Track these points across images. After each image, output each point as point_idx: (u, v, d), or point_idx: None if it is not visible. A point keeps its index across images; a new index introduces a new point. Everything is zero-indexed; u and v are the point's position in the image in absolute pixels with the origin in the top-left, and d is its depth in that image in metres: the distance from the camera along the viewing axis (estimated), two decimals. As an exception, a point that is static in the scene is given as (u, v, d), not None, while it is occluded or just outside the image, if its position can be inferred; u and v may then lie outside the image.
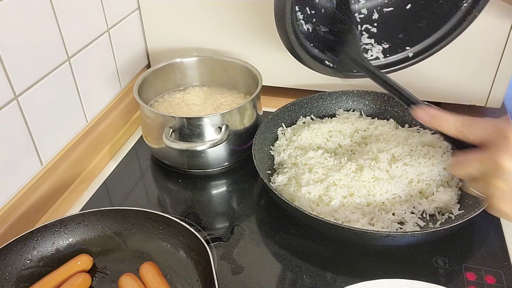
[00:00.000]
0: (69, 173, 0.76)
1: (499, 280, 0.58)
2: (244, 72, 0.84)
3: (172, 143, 0.69)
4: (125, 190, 0.75)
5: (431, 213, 0.65)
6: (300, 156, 0.72)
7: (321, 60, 0.69)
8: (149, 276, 0.56)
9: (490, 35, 0.79)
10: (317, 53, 0.68)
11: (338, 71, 0.71)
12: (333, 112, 0.83)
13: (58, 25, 0.70)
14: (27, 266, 0.58)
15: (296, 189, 0.67)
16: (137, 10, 0.92)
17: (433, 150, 0.71)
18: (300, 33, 0.64)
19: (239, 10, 0.86)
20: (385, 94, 0.81)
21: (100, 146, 0.83)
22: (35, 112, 0.68)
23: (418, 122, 0.79)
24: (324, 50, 0.69)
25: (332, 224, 0.58)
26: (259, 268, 0.61)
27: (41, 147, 0.70)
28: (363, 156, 0.70)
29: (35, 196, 0.69)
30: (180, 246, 0.61)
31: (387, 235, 0.56)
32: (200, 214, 0.70)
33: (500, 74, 0.82)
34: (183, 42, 0.94)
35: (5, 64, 0.61)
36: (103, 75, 0.84)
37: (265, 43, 0.89)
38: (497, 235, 0.64)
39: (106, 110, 0.85)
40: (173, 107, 0.84)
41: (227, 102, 0.84)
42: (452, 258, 0.61)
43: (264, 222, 0.68)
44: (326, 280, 0.59)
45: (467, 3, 0.66)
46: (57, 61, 0.71)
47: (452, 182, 0.68)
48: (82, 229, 0.62)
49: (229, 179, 0.77)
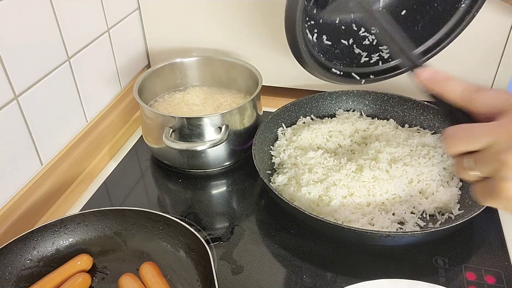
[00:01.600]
0: (69, 173, 0.76)
1: (499, 280, 0.58)
2: (244, 72, 0.84)
3: (172, 143, 0.69)
4: (125, 190, 0.75)
5: (431, 213, 0.65)
6: (300, 156, 0.72)
7: (328, 67, 0.68)
8: (149, 276, 0.56)
9: (490, 35, 0.79)
10: (324, 61, 0.67)
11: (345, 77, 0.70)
12: (333, 112, 0.83)
13: (58, 25, 0.70)
14: (27, 266, 0.58)
15: (296, 189, 0.67)
16: (137, 10, 0.92)
17: (433, 150, 0.72)
18: (308, 42, 0.64)
19: (239, 10, 0.86)
20: (385, 94, 0.81)
21: (100, 146, 0.83)
22: (35, 112, 0.68)
23: (418, 122, 0.79)
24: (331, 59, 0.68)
25: (332, 224, 0.58)
26: (259, 268, 0.61)
27: (41, 147, 0.70)
28: (363, 156, 0.70)
29: (35, 196, 0.69)
30: (180, 246, 0.61)
31: (387, 235, 0.56)
32: (200, 214, 0.70)
33: (500, 74, 0.82)
34: (183, 42, 0.94)
35: (5, 64, 0.61)
36: (103, 75, 0.84)
37: (266, 43, 0.89)
38: (497, 235, 0.64)
39: (106, 110, 0.85)
40: (173, 107, 0.84)
41: (227, 102, 0.84)
42: (452, 258, 0.61)
43: (264, 222, 0.68)
44: (326, 280, 0.59)
45: (465, 4, 0.66)
46: (57, 61, 0.71)
47: (452, 182, 0.68)
48: (82, 229, 0.62)
49: (229, 179, 0.77)
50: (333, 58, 0.67)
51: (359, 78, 0.69)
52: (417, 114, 0.79)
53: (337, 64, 0.68)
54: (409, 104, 0.80)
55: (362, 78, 0.69)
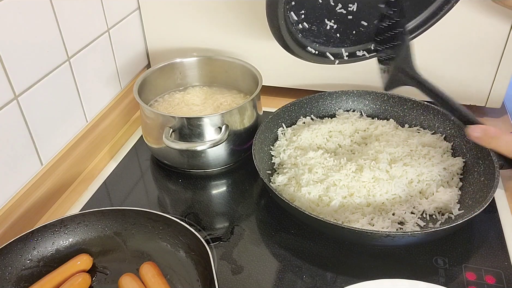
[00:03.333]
0: (69, 173, 0.76)
1: (499, 280, 0.58)
2: (244, 72, 0.84)
3: (172, 143, 0.69)
4: (125, 190, 0.75)
5: (431, 213, 0.65)
6: (300, 156, 0.72)
7: (304, 45, 0.68)
8: (149, 276, 0.56)
9: (490, 36, 0.79)
10: (300, 38, 0.67)
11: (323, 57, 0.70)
12: (333, 112, 0.83)
13: (58, 25, 0.70)
14: (27, 266, 0.58)
15: (296, 189, 0.67)
16: (137, 10, 0.92)
17: (433, 151, 0.72)
18: (287, 17, 0.64)
19: (240, 10, 0.86)
20: (385, 94, 0.81)
21: (100, 146, 0.83)
22: (35, 112, 0.68)
23: (418, 122, 0.79)
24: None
25: (332, 224, 0.58)
26: (259, 268, 0.61)
27: (41, 147, 0.70)
28: (363, 156, 0.70)
29: (35, 196, 0.69)
30: (180, 246, 0.61)
31: (387, 235, 0.56)
32: (200, 214, 0.70)
33: (500, 74, 0.82)
34: (183, 42, 0.94)
35: (5, 64, 0.61)
36: (103, 75, 0.84)
37: (265, 44, 0.89)
38: (497, 235, 0.64)
39: (106, 110, 0.85)
40: (173, 107, 0.84)
41: (227, 102, 0.84)
42: (452, 258, 0.61)
43: (264, 222, 0.68)
44: (326, 280, 0.59)
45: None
46: (57, 61, 0.71)
47: (452, 182, 0.68)
48: (82, 229, 0.62)
49: (229, 179, 0.77)
50: (310, 36, 0.67)
51: (333, 58, 0.69)
52: (417, 114, 0.79)
53: (313, 43, 0.68)
54: (409, 104, 0.80)
55: (336, 58, 0.70)
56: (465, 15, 0.78)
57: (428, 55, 0.82)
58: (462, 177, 0.70)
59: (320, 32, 0.68)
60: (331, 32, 0.68)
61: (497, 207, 0.68)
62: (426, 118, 0.79)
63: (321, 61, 0.70)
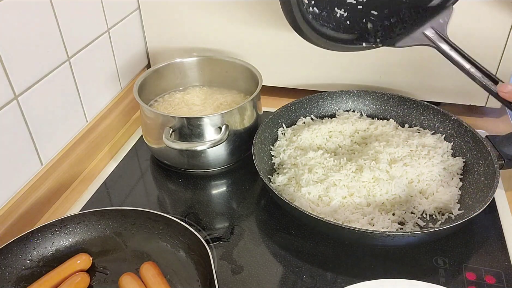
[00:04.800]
0: (69, 173, 0.76)
1: (499, 280, 0.58)
2: (244, 72, 0.84)
3: (172, 143, 0.69)
4: (125, 190, 0.75)
5: (431, 213, 0.65)
6: (300, 156, 0.72)
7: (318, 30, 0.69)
8: (149, 276, 0.56)
9: (490, 35, 0.79)
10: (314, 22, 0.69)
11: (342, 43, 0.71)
12: (333, 112, 0.83)
13: (58, 25, 0.70)
14: (27, 266, 0.58)
15: (296, 189, 0.67)
16: (137, 10, 0.92)
17: (433, 151, 0.71)
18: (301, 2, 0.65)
19: (239, 10, 0.86)
20: (385, 94, 0.81)
21: (100, 146, 0.83)
22: (35, 112, 0.68)
23: (418, 122, 0.79)
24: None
25: (332, 224, 0.58)
26: (259, 268, 0.61)
27: (41, 147, 0.70)
28: (363, 157, 0.70)
29: (35, 196, 0.69)
30: (180, 246, 0.61)
31: (387, 235, 0.56)
32: (200, 214, 0.70)
33: (500, 74, 0.82)
34: (183, 42, 0.94)
35: (5, 64, 0.61)
36: (103, 75, 0.84)
37: (265, 43, 0.89)
38: (497, 235, 0.64)
39: (106, 110, 0.85)
40: (173, 107, 0.84)
41: (227, 102, 0.84)
42: (452, 258, 0.61)
43: (264, 222, 0.68)
44: (326, 280, 0.59)
45: None
46: (57, 61, 0.71)
47: (452, 182, 0.68)
48: (82, 229, 0.62)
49: (229, 179, 0.77)
50: (320, 20, 0.69)
51: (345, 44, 0.71)
52: (417, 114, 0.79)
53: (323, 26, 0.69)
54: (409, 104, 0.80)
55: (348, 44, 0.71)
56: (465, 15, 0.78)
57: (428, 55, 0.82)
58: (462, 177, 0.70)
59: (330, 18, 0.69)
60: (341, 19, 0.69)
61: (497, 207, 0.68)
62: (426, 118, 0.79)
63: (331, 46, 0.71)
